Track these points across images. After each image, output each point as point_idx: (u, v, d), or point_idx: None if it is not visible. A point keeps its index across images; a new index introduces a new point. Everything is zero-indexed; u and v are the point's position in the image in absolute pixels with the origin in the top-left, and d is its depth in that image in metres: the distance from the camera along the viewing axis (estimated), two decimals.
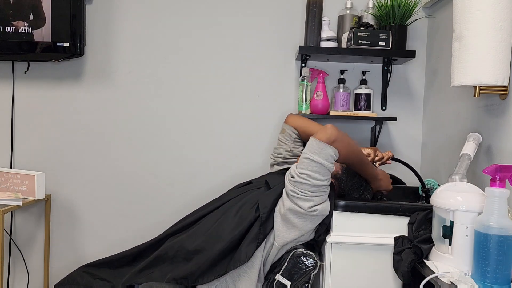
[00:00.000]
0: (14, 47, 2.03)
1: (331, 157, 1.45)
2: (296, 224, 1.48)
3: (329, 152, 1.45)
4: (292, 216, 1.47)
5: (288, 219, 1.48)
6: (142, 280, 1.53)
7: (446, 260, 1.30)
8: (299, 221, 1.48)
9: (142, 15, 2.18)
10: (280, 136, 1.93)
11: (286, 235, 1.50)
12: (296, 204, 1.46)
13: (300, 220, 1.48)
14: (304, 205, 1.45)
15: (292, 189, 1.47)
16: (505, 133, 1.48)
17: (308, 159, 1.45)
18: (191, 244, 1.54)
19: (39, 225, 2.22)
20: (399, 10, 2.01)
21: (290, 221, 1.48)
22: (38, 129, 2.19)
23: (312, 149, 1.46)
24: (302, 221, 1.48)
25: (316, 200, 1.46)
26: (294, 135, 1.88)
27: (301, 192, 1.45)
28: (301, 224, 1.48)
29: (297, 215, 1.47)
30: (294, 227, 1.49)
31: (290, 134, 1.89)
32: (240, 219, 1.53)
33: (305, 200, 1.45)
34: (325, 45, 2.07)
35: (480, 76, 1.36)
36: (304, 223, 1.48)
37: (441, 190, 1.34)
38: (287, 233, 1.50)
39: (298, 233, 1.50)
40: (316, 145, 1.45)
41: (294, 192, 1.46)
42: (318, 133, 1.48)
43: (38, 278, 2.22)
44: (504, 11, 1.33)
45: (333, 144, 1.45)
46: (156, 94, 2.20)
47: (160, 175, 2.22)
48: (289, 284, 1.48)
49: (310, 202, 1.45)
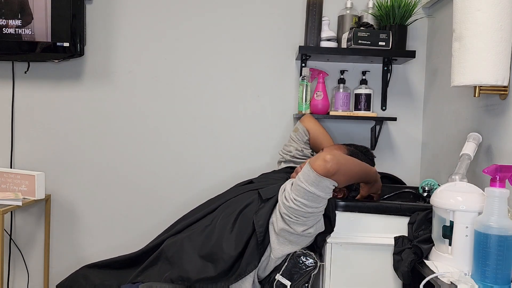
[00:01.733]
0: (14, 47, 2.03)
1: (328, 189, 1.38)
2: (292, 241, 1.46)
3: (326, 184, 1.36)
4: (287, 235, 1.45)
5: (283, 237, 1.46)
6: (140, 278, 1.53)
7: (446, 260, 1.30)
8: (294, 238, 1.46)
9: (142, 15, 2.18)
10: (292, 134, 1.93)
11: (281, 251, 1.48)
12: (289, 226, 1.43)
13: (296, 238, 1.46)
14: (298, 229, 1.42)
15: (285, 212, 1.42)
16: (505, 133, 1.48)
17: (303, 189, 1.36)
18: (189, 246, 1.54)
19: (39, 225, 2.22)
20: (399, 10, 2.01)
21: (286, 238, 1.46)
22: (38, 129, 2.19)
23: (308, 179, 1.36)
24: (298, 239, 1.46)
25: (309, 223, 1.42)
26: (306, 137, 1.89)
27: (295, 217, 1.41)
28: (297, 240, 1.46)
29: (292, 235, 1.45)
30: (289, 243, 1.47)
31: (302, 136, 1.89)
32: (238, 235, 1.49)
33: (298, 224, 1.41)
34: (325, 45, 2.07)
35: (480, 76, 1.36)
36: (299, 240, 1.46)
37: (441, 190, 1.34)
38: (283, 249, 1.47)
39: (295, 247, 1.48)
40: (313, 177, 1.35)
41: (288, 216, 1.42)
42: (317, 163, 1.35)
43: (38, 278, 2.22)
44: (504, 11, 1.33)
45: (332, 177, 1.35)
46: (156, 94, 2.20)
47: (160, 175, 2.22)
48: (289, 284, 1.48)
49: (303, 226, 1.42)
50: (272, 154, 2.18)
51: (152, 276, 1.52)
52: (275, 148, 2.18)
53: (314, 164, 1.35)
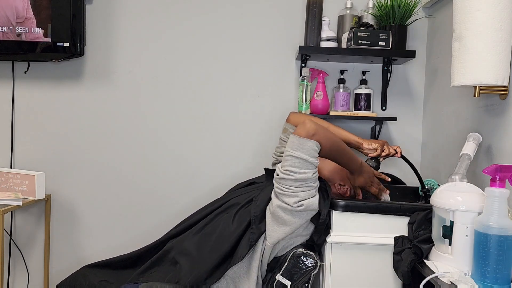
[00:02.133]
0: (14, 47, 2.03)
1: (313, 151, 1.44)
2: (286, 221, 1.47)
3: (310, 145, 1.44)
4: (281, 213, 1.47)
5: (277, 216, 1.48)
6: (143, 279, 1.53)
7: (446, 260, 1.29)
8: (288, 217, 1.47)
9: (142, 15, 2.18)
10: (281, 135, 1.93)
11: (276, 233, 1.49)
12: (282, 201, 1.46)
13: (289, 216, 1.47)
14: (290, 201, 1.44)
15: (277, 186, 1.47)
16: (505, 133, 1.48)
17: (290, 155, 1.44)
18: (191, 246, 1.54)
19: (39, 225, 2.22)
20: (399, 10, 2.01)
21: (280, 218, 1.48)
22: (38, 129, 2.19)
23: (293, 145, 1.45)
24: (291, 217, 1.47)
25: (301, 195, 1.45)
26: None
27: (286, 188, 1.45)
28: (290, 220, 1.47)
29: (286, 212, 1.46)
30: (284, 224, 1.48)
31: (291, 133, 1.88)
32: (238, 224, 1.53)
33: (290, 196, 1.45)
34: (325, 45, 2.07)
35: (480, 76, 1.36)
36: (293, 219, 1.47)
37: (441, 190, 1.34)
38: (278, 231, 1.49)
39: (288, 229, 1.49)
40: (297, 141, 1.45)
41: (280, 189, 1.46)
42: (297, 129, 1.48)
43: (38, 278, 2.22)
44: (504, 11, 1.33)
45: (312, 137, 1.44)
46: (156, 94, 2.20)
47: (160, 174, 2.22)
48: (289, 284, 1.48)
49: (295, 197, 1.44)
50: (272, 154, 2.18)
51: (154, 277, 1.52)
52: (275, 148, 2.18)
53: (295, 130, 1.49)
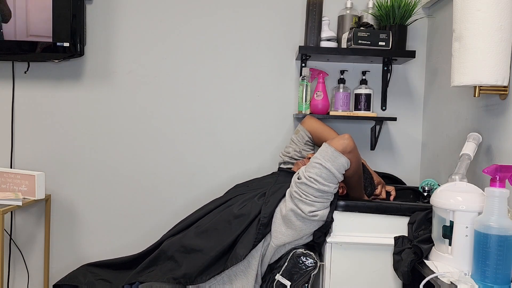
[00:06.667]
0: (14, 47, 2.03)
1: (343, 167, 1.44)
2: (296, 226, 1.48)
3: (342, 161, 1.43)
4: (293, 217, 1.47)
5: (289, 220, 1.48)
6: (141, 278, 1.53)
7: (446, 260, 1.30)
8: (299, 223, 1.47)
9: (142, 15, 2.18)
10: (293, 136, 1.95)
11: (283, 236, 1.49)
12: (297, 206, 1.46)
13: (300, 222, 1.47)
14: (305, 209, 1.45)
15: (296, 190, 1.46)
16: (505, 133, 1.48)
17: (320, 164, 1.43)
18: (189, 243, 1.55)
19: (39, 225, 2.22)
20: (399, 10, 2.01)
21: (291, 222, 1.48)
22: (38, 129, 2.19)
23: (325, 155, 1.43)
24: (302, 224, 1.47)
25: (317, 206, 1.45)
26: (306, 138, 1.90)
27: (304, 195, 1.44)
28: (300, 226, 1.48)
29: (298, 217, 1.47)
30: (293, 229, 1.49)
31: (303, 136, 1.90)
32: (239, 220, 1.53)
33: (306, 204, 1.45)
34: (325, 45, 2.07)
35: (480, 76, 1.36)
36: (303, 226, 1.48)
37: (441, 190, 1.34)
38: (285, 233, 1.49)
39: (296, 235, 1.49)
40: (331, 153, 1.43)
41: (298, 194, 1.45)
42: (335, 140, 1.45)
43: (38, 278, 2.22)
44: (504, 11, 1.33)
45: (347, 155, 1.43)
46: (156, 94, 2.20)
47: (160, 175, 2.22)
48: (289, 284, 1.48)
49: (311, 207, 1.45)
50: (273, 154, 2.18)
51: (153, 276, 1.52)
52: (275, 148, 2.18)
53: (332, 141, 1.45)
